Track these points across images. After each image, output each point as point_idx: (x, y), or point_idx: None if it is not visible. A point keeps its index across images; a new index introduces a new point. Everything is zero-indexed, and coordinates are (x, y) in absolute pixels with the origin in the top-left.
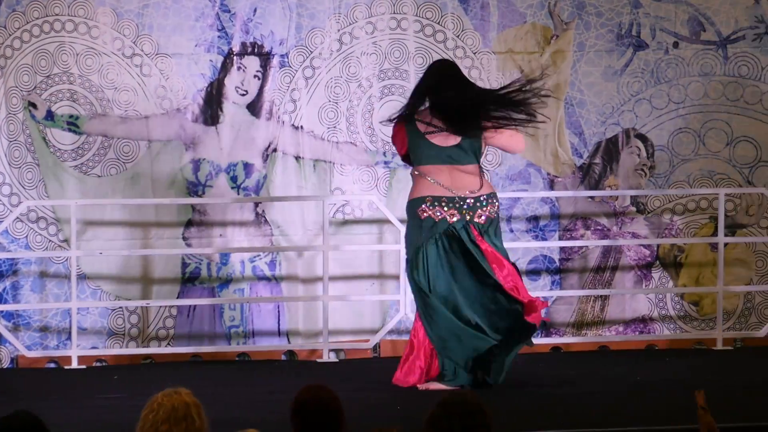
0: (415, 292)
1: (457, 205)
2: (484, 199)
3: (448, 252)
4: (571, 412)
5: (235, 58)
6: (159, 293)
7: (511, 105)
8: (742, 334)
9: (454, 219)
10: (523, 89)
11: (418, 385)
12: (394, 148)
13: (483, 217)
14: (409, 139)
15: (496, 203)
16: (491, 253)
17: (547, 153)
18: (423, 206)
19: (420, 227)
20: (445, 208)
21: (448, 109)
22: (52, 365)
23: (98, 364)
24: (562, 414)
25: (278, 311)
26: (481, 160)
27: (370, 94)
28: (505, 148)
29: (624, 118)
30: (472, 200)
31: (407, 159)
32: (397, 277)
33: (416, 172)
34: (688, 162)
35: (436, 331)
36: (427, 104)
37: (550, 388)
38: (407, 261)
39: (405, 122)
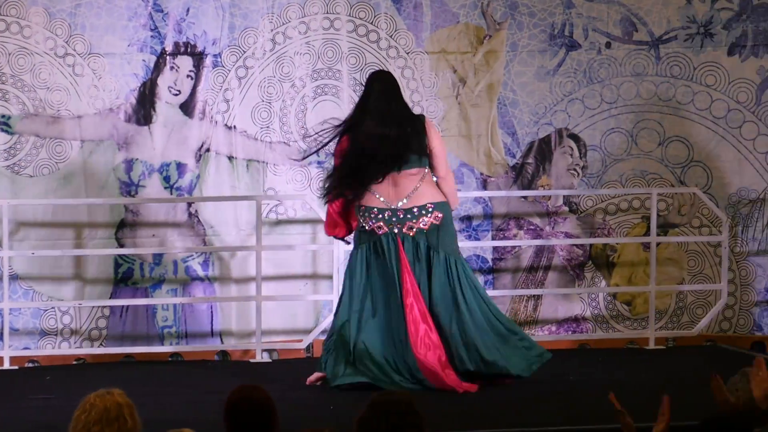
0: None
1: (386, 217)
2: (417, 210)
3: (371, 264)
4: (502, 413)
5: (167, 57)
6: (92, 294)
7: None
8: (674, 334)
9: (381, 232)
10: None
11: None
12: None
13: (414, 230)
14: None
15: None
16: (412, 285)
17: (480, 153)
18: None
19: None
20: (374, 221)
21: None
22: None
23: (30, 364)
24: (492, 414)
25: (211, 311)
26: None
27: (304, 94)
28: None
29: (557, 118)
30: (402, 213)
31: None
32: (330, 277)
33: None
34: (620, 162)
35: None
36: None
37: (482, 388)
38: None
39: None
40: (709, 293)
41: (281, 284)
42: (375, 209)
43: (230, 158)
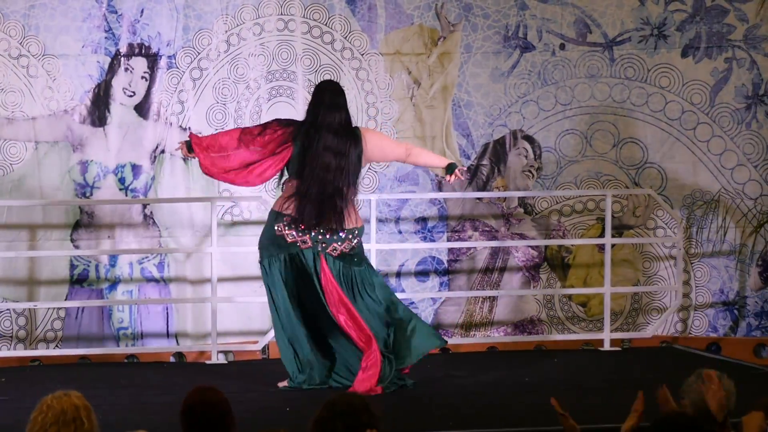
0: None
1: (313, 234)
2: (344, 234)
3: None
4: (460, 413)
5: (122, 59)
6: (47, 295)
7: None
8: (629, 335)
9: (305, 246)
10: None
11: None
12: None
13: (337, 251)
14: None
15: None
16: (335, 292)
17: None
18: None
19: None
20: (299, 233)
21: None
22: None
23: None
24: (450, 415)
25: (167, 313)
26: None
27: (258, 96)
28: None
29: (511, 120)
30: (330, 232)
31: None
32: None
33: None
34: (575, 163)
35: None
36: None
37: (438, 389)
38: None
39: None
40: (663, 294)
41: (236, 286)
42: (302, 224)
43: (185, 160)
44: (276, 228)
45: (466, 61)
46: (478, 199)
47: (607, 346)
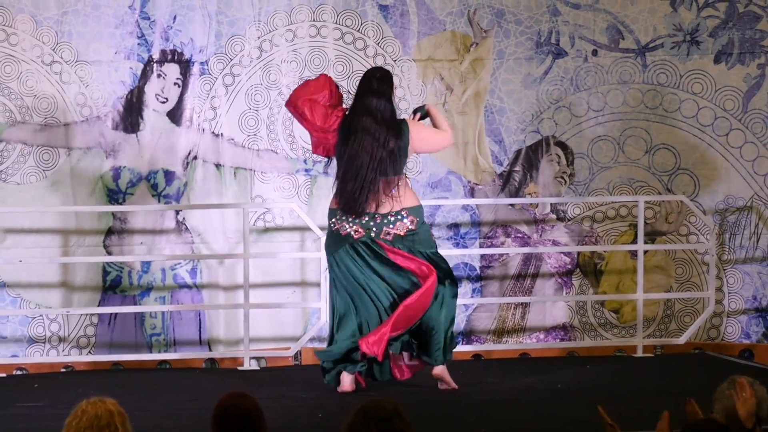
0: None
1: (363, 222)
2: (392, 216)
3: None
4: (491, 420)
5: (154, 65)
6: (80, 301)
7: None
8: (662, 341)
9: (358, 236)
10: None
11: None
12: (315, 155)
13: (390, 235)
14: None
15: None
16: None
17: (468, 161)
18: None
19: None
20: (350, 224)
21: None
22: None
23: (18, 372)
24: (482, 421)
25: (199, 319)
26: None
27: None
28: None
29: (544, 126)
30: (380, 218)
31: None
32: (318, 285)
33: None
34: (607, 170)
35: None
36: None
37: (470, 395)
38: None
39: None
40: (696, 301)
41: (269, 292)
42: (350, 214)
43: (217, 166)
44: (331, 224)
45: (499, 67)
46: (511, 205)
47: (639, 353)
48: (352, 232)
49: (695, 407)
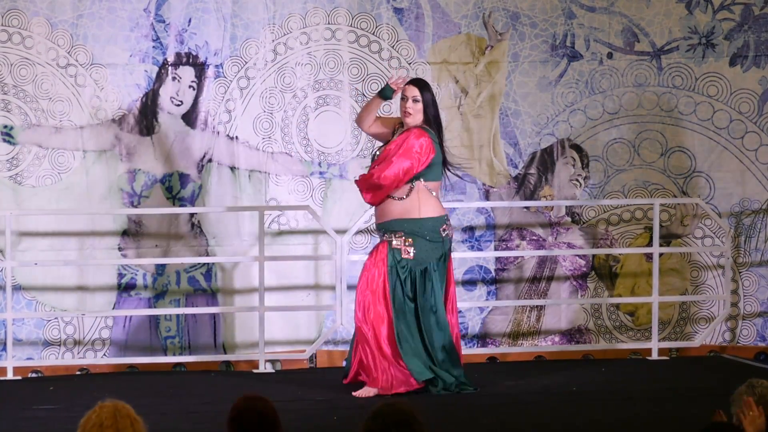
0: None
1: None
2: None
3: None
4: (507, 422)
5: (169, 68)
6: (94, 304)
7: None
8: (677, 344)
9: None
10: None
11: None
12: (325, 159)
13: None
14: (435, 155)
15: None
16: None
17: (483, 163)
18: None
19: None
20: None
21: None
22: None
23: (34, 374)
24: (497, 423)
25: (214, 322)
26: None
27: (305, 105)
28: None
29: (559, 129)
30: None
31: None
32: (332, 288)
33: (429, 188)
34: (622, 172)
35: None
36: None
37: (485, 397)
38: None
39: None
40: (711, 304)
41: (284, 295)
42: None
43: (232, 169)
44: (442, 230)
45: (514, 70)
46: (526, 208)
47: (655, 356)
48: (451, 234)
49: (723, 418)
